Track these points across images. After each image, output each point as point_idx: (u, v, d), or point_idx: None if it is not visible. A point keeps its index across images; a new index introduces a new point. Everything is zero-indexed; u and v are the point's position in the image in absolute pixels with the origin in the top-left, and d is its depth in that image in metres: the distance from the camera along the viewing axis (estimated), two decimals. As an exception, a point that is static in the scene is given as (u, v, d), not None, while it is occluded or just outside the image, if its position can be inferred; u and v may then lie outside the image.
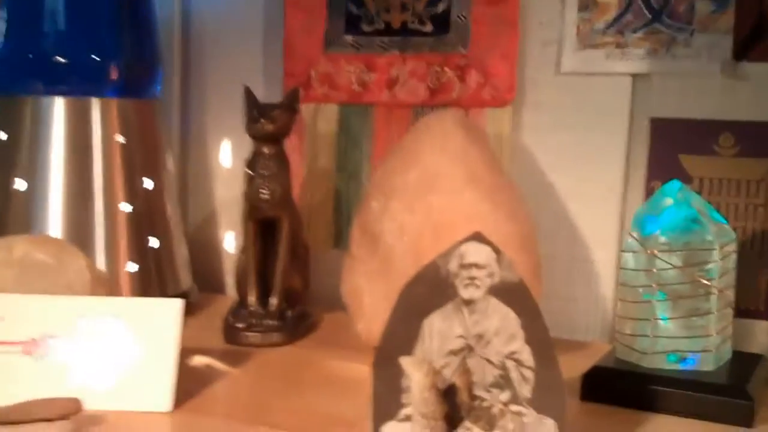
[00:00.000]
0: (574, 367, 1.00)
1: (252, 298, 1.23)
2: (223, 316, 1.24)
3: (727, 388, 0.96)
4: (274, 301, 1.23)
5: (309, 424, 0.91)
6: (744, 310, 1.20)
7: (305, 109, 1.39)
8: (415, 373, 0.67)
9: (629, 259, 1.03)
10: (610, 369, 1.03)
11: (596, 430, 0.92)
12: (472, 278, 0.79)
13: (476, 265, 0.79)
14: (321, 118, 1.41)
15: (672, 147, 1.24)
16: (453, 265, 0.79)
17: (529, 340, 0.80)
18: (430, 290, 0.79)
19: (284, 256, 1.23)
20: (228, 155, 1.53)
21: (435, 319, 0.79)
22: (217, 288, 1.53)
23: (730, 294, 1.03)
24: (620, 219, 1.27)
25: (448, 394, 0.68)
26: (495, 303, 0.80)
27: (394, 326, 0.80)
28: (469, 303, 0.80)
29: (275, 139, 1.19)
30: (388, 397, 0.79)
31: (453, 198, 1.05)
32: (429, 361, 0.71)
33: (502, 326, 0.80)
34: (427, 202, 1.06)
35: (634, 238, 1.03)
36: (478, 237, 0.79)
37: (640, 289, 1.02)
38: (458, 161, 1.07)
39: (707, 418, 0.95)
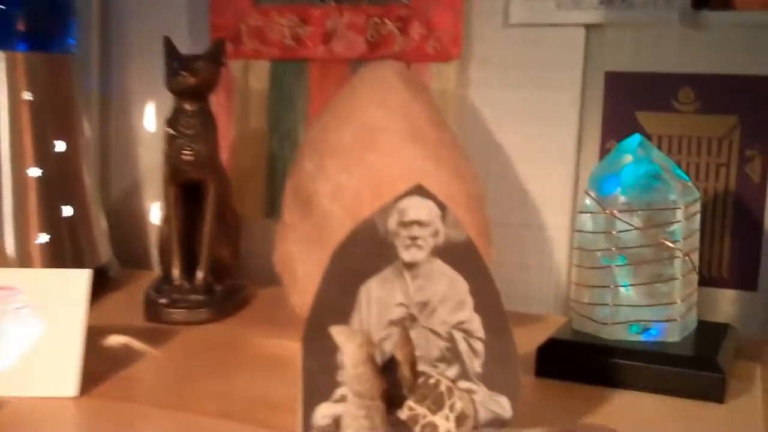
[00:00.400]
0: (527, 341, 0.91)
1: (176, 271, 1.12)
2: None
3: (695, 359, 0.88)
4: (200, 274, 1.12)
5: (235, 409, 0.81)
6: (706, 278, 1.12)
7: (234, 65, 1.29)
8: (347, 345, 0.57)
9: (586, 221, 0.95)
10: (567, 341, 0.94)
11: (553, 408, 0.84)
12: (414, 238, 0.70)
13: (418, 223, 0.70)
14: (251, 76, 1.30)
15: (628, 103, 1.15)
16: (392, 223, 0.70)
17: (479, 308, 0.71)
18: (366, 252, 0.70)
19: (210, 223, 1.13)
20: (153, 117, 1.41)
21: (373, 284, 0.70)
22: (144, 263, 1.42)
23: (695, 258, 0.95)
24: (574, 181, 1.18)
25: (387, 370, 0.58)
26: (440, 266, 0.71)
27: (327, 294, 0.70)
28: (411, 266, 0.70)
29: (199, 95, 1.08)
30: (320, 376, 0.69)
31: (393, 156, 0.95)
32: (363, 331, 0.61)
33: (448, 292, 0.71)
34: (365, 160, 0.96)
35: (591, 197, 0.94)
36: (419, 191, 0.70)
37: (599, 254, 0.93)
38: (399, 116, 0.97)
39: (674, 393, 0.87)
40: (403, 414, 0.69)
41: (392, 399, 0.58)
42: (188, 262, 1.13)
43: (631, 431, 0.77)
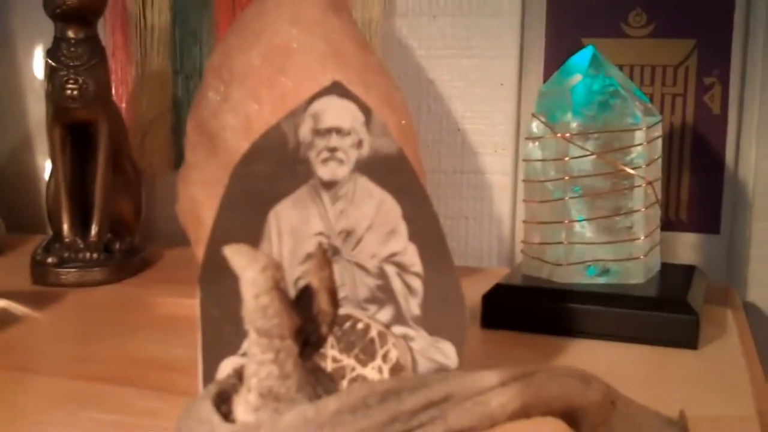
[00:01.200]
0: (470, 292, 0.78)
1: (66, 227, 0.97)
2: (36, 255, 0.99)
3: (663, 301, 0.76)
4: (94, 229, 0.98)
5: (127, 373, 0.68)
6: (664, 221, 1.01)
7: (131, -1, 1.14)
8: (246, 270, 0.43)
9: (534, 148, 0.83)
10: (517, 287, 0.81)
11: (505, 360, 0.71)
12: (333, 149, 0.57)
13: (337, 130, 0.57)
14: (150, 10, 1.14)
15: (574, 29, 1.03)
16: (304, 131, 0.57)
17: (415, 237, 0.58)
18: (274, 169, 0.57)
19: (104, 170, 0.98)
20: (43, 64, 1.25)
21: (284, 209, 0.57)
22: (38, 228, 1.26)
23: (658, 189, 0.83)
24: (516, 118, 1.06)
25: (300, 302, 0.45)
26: (365, 185, 0.58)
27: (227, 223, 0.57)
28: (330, 185, 0.57)
29: (83, 20, 0.93)
30: (224, 324, 0.56)
31: (310, 79, 0.81)
32: (268, 254, 0.48)
33: (377, 218, 0.58)
34: (277, 86, 0.82)
35: (539, 120, 0.82)
36: (337, 89, 0.57)
37: (550, 185, 0.81)
38: (317, 33, 0.83)
39: (641, 340, 0.75)
40: (326, 365, 0.56)
41: (308, 339, 0.45)
42: (82, 219, 0.99)
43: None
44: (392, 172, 0.57)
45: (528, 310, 0.78)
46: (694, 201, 1.02)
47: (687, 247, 1.03)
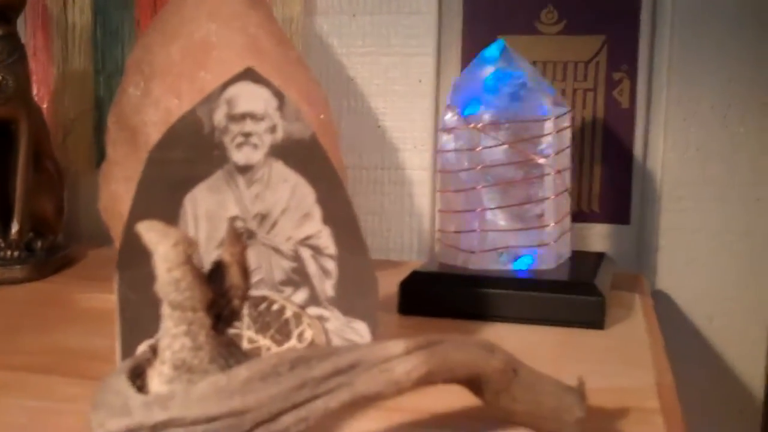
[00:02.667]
0: (388, 282, 0.80)
1: (-15, 226, 0.98)
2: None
3: (571, 284, 0.79)
4: (15, 227, 0.98)
5: (53, 362, 0.69)
6: (577, 213, 1.04)
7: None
8: (159, 245, 0.45)
9: (449, 139, 0.85)
10: (433, 274, 0.84)
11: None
12: (247, 135, 0.59)
13: (251, 116, 0.59)
14: (71, 10, 1.15)
15: (489, 27, 1.06)
16: (219, 117, 0.58)
17: (328, 219, 0.60)
18: (189, 154, 0.58)
19: (25, 168, 0.98)
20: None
21: (199, 194, 0.58)
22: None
23: (567, 177, 0.86)
24: (434, 116, 1.09)
25: (213, 277, 0.47)
26: (280, 169, 0.59)
27: (143, 209, 0.58)
28: (245, 170, 0.59)
29: (2, 16, 0.94)
30: (141, 309, 0.57)
31: (231, 72, 0.83)
32: (179, 229, 0.49)
33: (291, 201, 0.60)
34: (197, 80, 0.83)
35: (452, 112, 0.84)
36: (250, 75, 0.59)
37: (463, 175, 0.84)
38: (235, 27, 0.85)
39: (550, 322, 0.78)
40: (242, 345, 0.58)
41: (221, 312, 0.47)
42: (3, 217, 0.99)
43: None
44: (306, 156, 0.59)
45: (443, 296, 0.81)
46: (605, 193, 1.05)
47: (599, 238, 1.06)
